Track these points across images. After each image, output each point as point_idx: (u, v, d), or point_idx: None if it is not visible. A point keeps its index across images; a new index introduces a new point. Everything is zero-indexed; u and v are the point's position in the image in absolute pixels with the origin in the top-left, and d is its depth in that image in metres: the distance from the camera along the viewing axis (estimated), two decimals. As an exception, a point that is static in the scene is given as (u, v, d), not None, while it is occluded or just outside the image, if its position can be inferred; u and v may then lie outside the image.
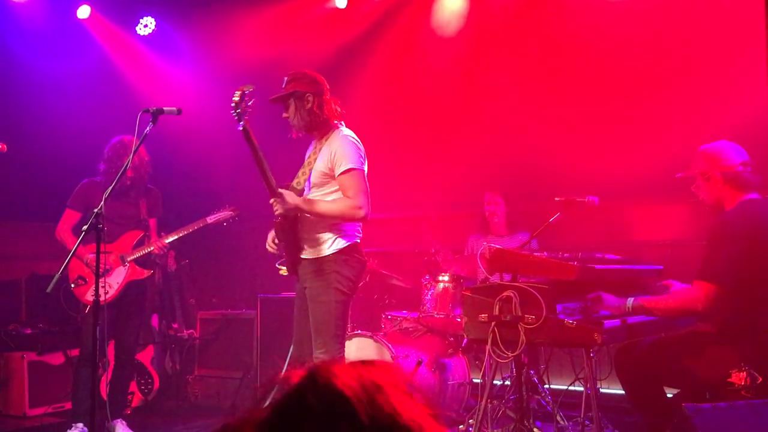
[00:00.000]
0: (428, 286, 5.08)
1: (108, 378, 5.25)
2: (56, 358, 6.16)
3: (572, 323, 3.40)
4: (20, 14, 6.77)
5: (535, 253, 3.75)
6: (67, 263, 3.80)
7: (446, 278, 5.03)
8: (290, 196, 3.87)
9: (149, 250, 5.21)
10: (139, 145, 4.03)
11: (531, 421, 4.42)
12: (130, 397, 5.85)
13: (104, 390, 5.15)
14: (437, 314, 4.99)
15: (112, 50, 7.36)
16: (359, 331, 5.06)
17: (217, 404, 6.22)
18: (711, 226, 3.55)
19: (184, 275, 7.00)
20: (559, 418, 4.84)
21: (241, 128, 3.70)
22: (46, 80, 6.81)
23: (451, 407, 5.08)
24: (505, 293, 3.56)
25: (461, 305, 4.42)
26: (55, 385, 6.05)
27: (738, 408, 2.52)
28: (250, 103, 3.71)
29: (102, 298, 4.84)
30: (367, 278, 5.50)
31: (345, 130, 4.10)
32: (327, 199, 4.00)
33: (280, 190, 3.84)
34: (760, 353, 3.37)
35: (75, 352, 5.87)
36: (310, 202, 3.95)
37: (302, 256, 4.05)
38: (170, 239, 5.23)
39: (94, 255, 3.81)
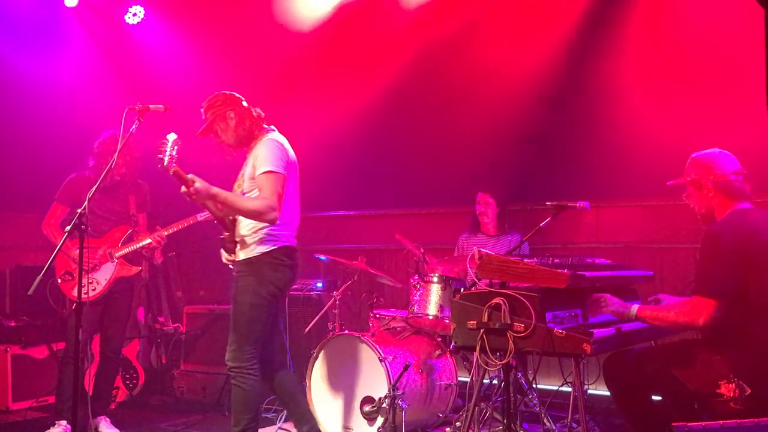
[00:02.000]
0: (417, 286, 5.03)
1: (93, 372, 5.22)
2: (40, 352, 6.12)
3: (562, 332, 3.36)
4: (7, 2, 6.66)
5: (525, 260, 3.70)
6: (51, 262, 3.73)
7: (435, 279, 4.99)
8: (202, 183, 3.87)
9: (138, 245, 5.16)
10: (123, 143, 3.98)
11: (518, 423, 4.41)
12: (114, 392, 5.81)
13: (89, 385, 5.11)
14: (426, 315, 4.95)
15: (101, 40, 7.27)
16: (347, 332, 5.02)
17: (203, 400, 6.17)
18: (703, 237, 3.52)
19: (171, 268, 6.95)
20: (546, 420, 4.84)
21: (172, 173, 3.81)
22: (33, 70, 6.72)
23: (438, 408, 5.05)
24: (495, 300, 3.52)
25: (450, 311, 4.40)
26: (39, 378, 6.02)
27: (728, 428, 2.49)
28: (176, 150, 3.83)
29: (89, 295, 4.84)
30: (356, 276, 5.47)
31: (273, 135, 4.20)
32: None
33: (190, 175, 3.85)
34: (750, 363, 3.35)
35: (59, 346, 5.83)
36: (223, 192, 3.99)
37: (233, 258, 4.19)
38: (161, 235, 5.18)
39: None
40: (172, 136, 3.83)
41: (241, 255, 4.14)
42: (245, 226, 4.12)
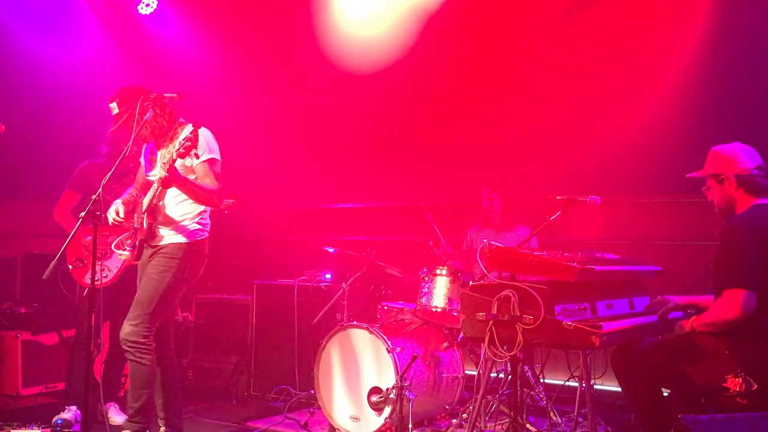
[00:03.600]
0: (425, 278, 5.05)
1: (102, 359, 5.25)
2: (50, 338, 6.16)
3: (570, 325, 3.38)
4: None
5: (535, 253, 3.72)
6: (65, 248, 3.76)
7: (444, 271, 5.01)
8: (174, 168, 3.94)
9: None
10: (137, 131, 4.00)
11: (524, 416, 4.43)
12: (123, 379, 5.84)
13: (99, 371, 5.14)
14: (434, 307, 4.97)
15: (114, 29, 7.29)
16: (355, 322, 5.04)
17: (211, 388, 6.21)
18: (723, 230, 3.51)
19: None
20: (552, 414, 4.86)
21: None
22: (45, 58, 6.74)
23: (444, 400, 5.08)
24: (504, 292, 3.54)
25: (459, 302, 4.42)
26: (48, 365, 6.06)
27: (736, 420, 2.51)
28: None
29: (100, 282, 4.86)
30: (364, 268, 5.49)
31: (191, 125, 4.10)
32: None
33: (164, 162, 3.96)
34: (758, 358, 3.36)
35: (69, 333, 5.86)
36: (187, 178, 4.05)
37: (155, 243, 4.20)
38: None
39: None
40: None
41: (172, 239, 4.17)
42: (181, 212, 4.18)
